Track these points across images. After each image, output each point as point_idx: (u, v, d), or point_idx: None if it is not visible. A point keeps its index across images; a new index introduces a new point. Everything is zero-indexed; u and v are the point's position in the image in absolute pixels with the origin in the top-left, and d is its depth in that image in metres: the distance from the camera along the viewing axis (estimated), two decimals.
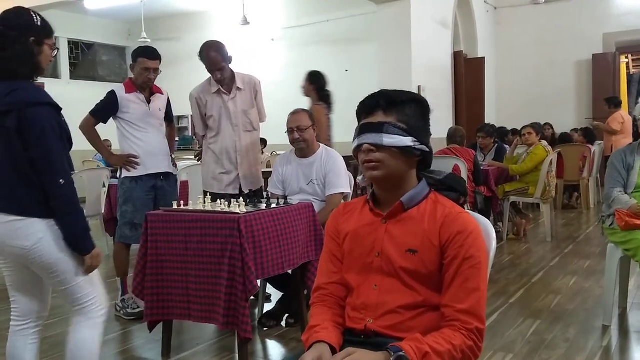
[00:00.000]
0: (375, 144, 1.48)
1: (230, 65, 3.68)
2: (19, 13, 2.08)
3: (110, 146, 6.22)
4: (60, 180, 2.00)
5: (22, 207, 2.02)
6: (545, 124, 9.02)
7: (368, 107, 1.54)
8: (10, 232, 2.02)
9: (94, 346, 2.18)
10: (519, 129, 6.74)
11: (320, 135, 4.07)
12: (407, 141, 1.48)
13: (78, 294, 2.13)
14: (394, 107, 1.51)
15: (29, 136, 1.98)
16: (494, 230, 1.71)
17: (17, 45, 2.02)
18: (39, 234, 2.02)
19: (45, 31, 2.11)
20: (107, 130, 4.01)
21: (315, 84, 4.55)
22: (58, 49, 2.19)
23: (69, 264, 2.08)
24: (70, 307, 2.20)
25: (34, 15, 2.09)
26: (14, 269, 2.18)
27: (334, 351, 1.44)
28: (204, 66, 3.65)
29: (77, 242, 2.07)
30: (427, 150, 1.53)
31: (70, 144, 2.14)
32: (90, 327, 2.17)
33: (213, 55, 3.58)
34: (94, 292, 2.17)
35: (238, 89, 3.71)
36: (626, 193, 3.21)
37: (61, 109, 2.10)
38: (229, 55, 3.65)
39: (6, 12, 2.08)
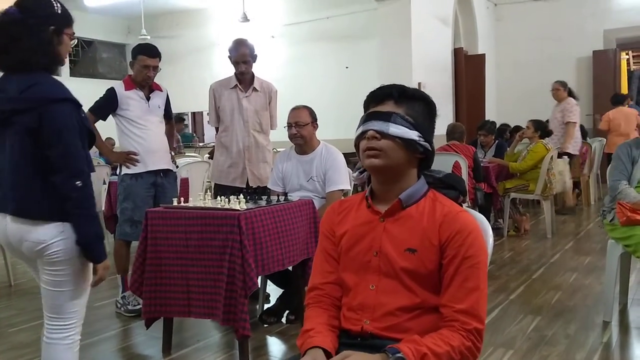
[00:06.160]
0: (380, 132, 1.46)
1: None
2: (39, 0, 1.94)
3: (114, 144, 6.20)
4: (77, 182, 1.87)
5: (42, 212, 1.91)
6: (548, 120, 8.96)
7: (379, 96, 1.53)
8: (29, 229, 1.92)
9: None
10: (520, 125, 6.71)
11: None
12: (413, 135, 1.47)
13: (67, 302, 1.99)
14: (405, 99, 1.51)
15: (48, 135, 1.86)
16: (490, 228, 1.71)
17: (34, 34, 1.88)
18: (59, 232, 1.92)
19: (66, 20, 1.98)
20: (110, 128, 4.03)
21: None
22: (77, 38, 2.09)
23: (76, 269, 1.98)
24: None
25: (54, 3, 1.95)
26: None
27: (329, 356, 1.41)
28: (230, 60, 3.92)
29: (89, 248, 1.94)
30: (430, 149, 1.52)
31: (92, 140, 2.04)
32: (64, 350, 2.01)
33: (243, 50, 3.88)
34: (78, 314, 2.03)
35: (254, 89, 3.96)
36: None
37: (81, 105, 1.98)
38: (255, 53, 3.94)
39: None
